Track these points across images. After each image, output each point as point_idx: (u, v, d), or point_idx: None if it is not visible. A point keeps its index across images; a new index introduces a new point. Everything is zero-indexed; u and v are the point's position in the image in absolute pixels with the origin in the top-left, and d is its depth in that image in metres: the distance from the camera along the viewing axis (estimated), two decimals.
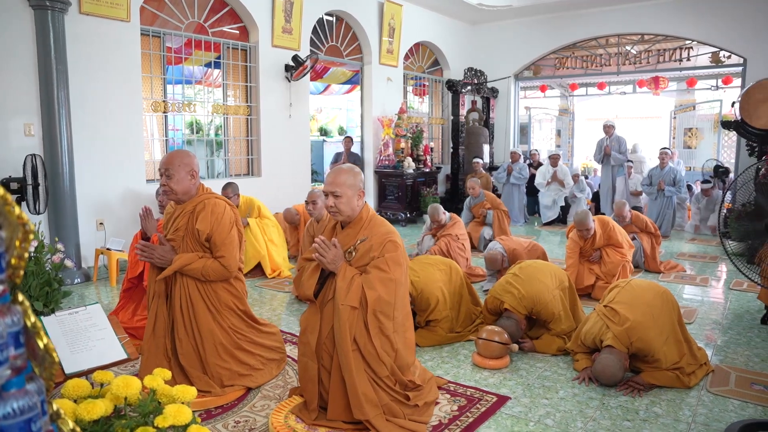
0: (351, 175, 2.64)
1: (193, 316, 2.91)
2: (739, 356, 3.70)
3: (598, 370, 3.14)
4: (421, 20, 10.26)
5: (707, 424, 2.77)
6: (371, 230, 2.64)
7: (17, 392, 0.90)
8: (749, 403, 3.00)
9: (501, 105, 11.70)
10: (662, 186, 8.19)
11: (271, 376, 3.18)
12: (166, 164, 2.90)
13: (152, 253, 2.85)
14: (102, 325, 2.23)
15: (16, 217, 0.90)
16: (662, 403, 2.99)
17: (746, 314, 4.61)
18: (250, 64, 7.54)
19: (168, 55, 6.74)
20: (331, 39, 8.90)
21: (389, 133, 9.64)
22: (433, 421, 2.73)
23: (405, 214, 9.28)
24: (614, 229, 5.34)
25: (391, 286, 2.53)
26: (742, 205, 4.90)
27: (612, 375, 3.10)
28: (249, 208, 6.04)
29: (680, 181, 8.36)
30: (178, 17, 6.73)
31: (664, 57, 10.35)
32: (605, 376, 3.11)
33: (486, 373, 3.37)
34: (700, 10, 9.42)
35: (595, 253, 5.28)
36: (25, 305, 0.96)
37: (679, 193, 8.33)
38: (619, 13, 10.12)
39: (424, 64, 11.01)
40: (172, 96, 6.96)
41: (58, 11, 5.28)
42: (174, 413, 1.48)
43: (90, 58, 5.70)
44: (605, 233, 5.28)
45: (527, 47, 11.19)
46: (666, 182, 8.21)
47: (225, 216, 2.91)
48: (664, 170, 8.36)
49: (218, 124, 8.10)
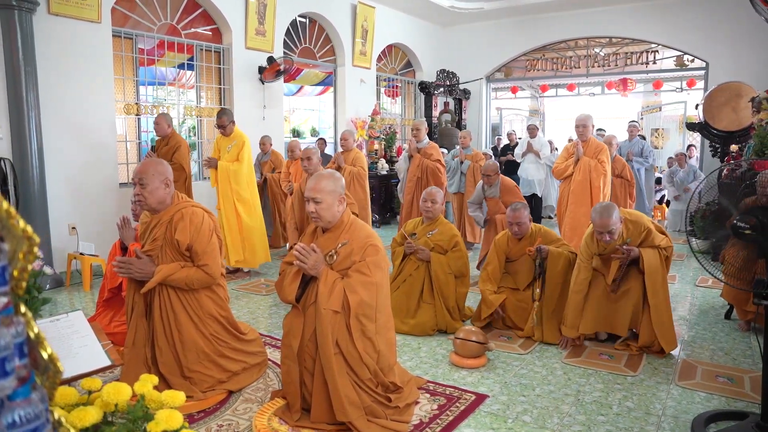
0: (332, 180, 2.68)
1: (175, 326, 2.90)
2: (705, 350, 3.86)
3: (598, 210, 3.58)
4: (393, 22, 10.33)
5: (676, 416, 2.88)
6: (352, 234, 2.68)
7: (23, 402, 0.92)
8: (714, 395, 3.13)
9: (473, 106, 11.85)
10: (631, 156, 8.29)
11: (252, 379, 3.20)
12: (140, 174, 2.87)
13: (130, 268, 2.82)
14: (84, 332, 2.22)
15: (20, 231, 0.92)
16: (634, 397, 3.11)
17: (711, 310, 4.79)
18: (223, 66, 7.51)
19: (140, 56, 6.67)
20: (305, 41, 8.91)
21: (362, 135, 9.69)
22: (414, 421, 2.79)
23: (379, 215, 9.33)
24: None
25: (373, 290, 2.58)
26: (707, 204, 5.10)
27: (609, 207, 3.56)
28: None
29: (648, 152, 8.52)
30: (150, 18, 6.67)
31: (631, 60, 10.63)
32: (606, 210, 3.54)
33: (464, 372, 3.45)
34: (665, 16, 9.72)
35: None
36: (27, 316, 0.98)
37: (646, 163, 8.47)
38: (588, 16, 10.36)
39: (396, 66, 11.09)
40: (145, 98, 6.88)
41: (25, 11, 5.18)
42: (166, 418, 1.50)
43: (60, 60, 5.61)
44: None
45: (499, 49, 11.36)
46: (634, 153, 8.36)
47: (204, 225, 2.91)
48: (632, 142, 8.52)
49: (191, 126, 8.03)
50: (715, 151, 8.38)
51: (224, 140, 5.84)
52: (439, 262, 4.23)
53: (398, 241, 4.55)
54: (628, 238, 3.72)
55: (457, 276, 4.29)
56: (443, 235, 4.34)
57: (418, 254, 4.26)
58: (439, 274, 4.21)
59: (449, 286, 4.22)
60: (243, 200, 5.67)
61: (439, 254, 4.27)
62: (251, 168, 5.84)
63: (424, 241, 4.33)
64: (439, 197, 4.44)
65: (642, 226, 3.78)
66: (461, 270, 4.29)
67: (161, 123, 5.87)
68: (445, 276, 4.22)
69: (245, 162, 5.72)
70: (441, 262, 4.24)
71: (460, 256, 4.29)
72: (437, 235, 4.34)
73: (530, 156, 9.23)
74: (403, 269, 4.38)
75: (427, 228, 4.42)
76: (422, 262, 4.28)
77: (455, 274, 4.27)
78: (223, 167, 5.62)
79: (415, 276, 4.27)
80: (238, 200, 5.64)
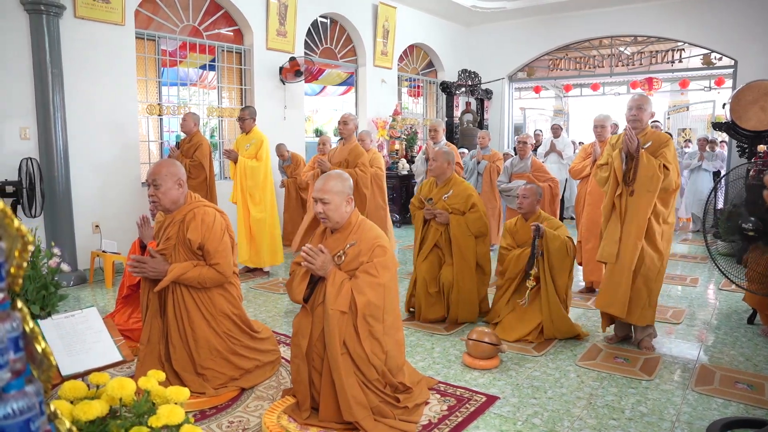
0: (339, 181, 2.70)
1: (189, 324, 2.95)
2: (725, 356, 3.77)
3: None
4: (415, 22, 10.32)
5: (691, 423, 2.83)
6: (360, 235, 2.69)
7: (17, 394, 0.95)
8: (732, 401, 3.06)
9: (495, 106, 11.77)
10: None
11: (264, 377, 3.23)
12: (153, 175, 2.93)
13: (144, 267, 2.88)
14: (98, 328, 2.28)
15: (15, 229, 0.95)
16: (648, 402, 3.06)
17: (734, 314, 4.69)
18: (244, 67, 7.59)
19: (163, 58, 6.79)
20: (326, 41, 8.95)
21: (383, 135, 9.70)
22: (422, 421, 2.79)
23: (399, 215, 9.34)
24: None
25: (380, 291, 2.59)
26: (733, 206, 4.99)
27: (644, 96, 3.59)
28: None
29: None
30: (173, 20, 6.78)
31: (656, 58, 10.43)
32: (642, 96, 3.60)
33: (476, 374, 3.43)
34: (691, 13, 9.52)
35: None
36: (23, 311, 1.01)
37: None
38: (611, 15, 10.20)
39: (418, 66, 11.08)
40: (167, 98, 7.01)
41: (53, 15, 5.32)
42: (167, 413, 1.53)
43: (85, 62, 5.74)
44: None
45: (521, 49, 11.26)
46: None
47: (216, 224, 2.96)
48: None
49: (213, 126, 8.14)
50: (743, 151, 8.18)
51: (243, 139, 5.92)
52: (458, 223, 4.27)
53: (416, 205, 4.60)
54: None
55: (477, 236, 4.31)
56: (458, 197, 4.35)
57: (437, 218, 4.31)
58: (459, 237, 4.26)
59: (470, 247, 4.27)
60: (254, 198, 5.74)
61: (458, 216, 4.30)
62: (269, 167, 5.90)
63: (441, 206, 4.36)
64: (442, 157, 4.40)
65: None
66: (480, 230, 4.30)
67: (188, 120, 5.99)
68: (465, 238, 4.26)
69: (264, 161, 5.80)
70: (460, 223, 4.27)
71: (479, 216, 4.29)
72: (452, 197, 4.35)
73: (553, 156, 9.15)
74: (426, 237, 4.43)
75: (442, 191, 4.42)
76: (444, 228, 4.32)
77: (475, 234, 4.29)
78: (242, 162, 5.71)
79: (441, 243, 4.37)
80: (250, 197, 5.72)
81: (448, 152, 4.47)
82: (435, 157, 4.45)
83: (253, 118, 5.93)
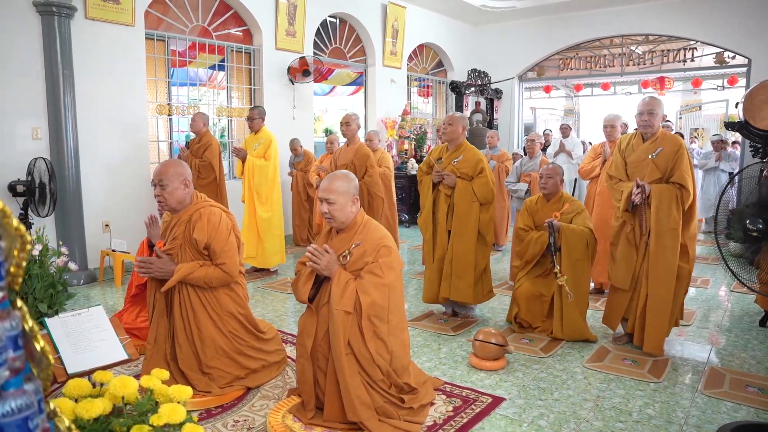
0: (345, 181, 2.70)
1: (195, 324, 2.96)
2: (736, 358, 3.73)
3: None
4: (424, 22, 10.30)
5: (699, 426, 2.80)
6: (365, 235, 2.69)
7: (15, 392, 0.95)
8: (742, 405, 3.03)
9: (505, 106, 11.72)
10: None
11: (270, 377, 3.24)
12: (160, 175, 2.95)
13: (150, 267, 2.90)
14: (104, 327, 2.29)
15: (14, 229, 0.96)
16: (656, 404, 3.03)
17: (745, 316, 4.63)
18: (253, 67, 7.62)
19: (172, 58, 6.83)
20: (335, 41, 8.96)
21: (392, 135, 9.69)
22: (427, 422, 2.78)
23: (408, 215, 9.33)
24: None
25: (385, 291, 2.58)
26: (745, 206, 4.92)
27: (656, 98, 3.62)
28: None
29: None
30: (183, 21, 6.81)
31: (668, 57, 10.34)
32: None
33: (483, 374, 3.42)
34: (704, 11, 9.41)
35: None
36: (23, 310, 1.02)
37: None
38: (622, 13, 10.11)
39: (427, 66, 11.06)
40: (177, 98, 7.05)
41: (64, 17, 5.37)
42: (169, 412, 1.54)
43: (96, 62, 5.79)
44: None
45: (531, 48, 11.20)
46: None
47: (221, 224, 2.97)
48: None
49: (223, 126, 8.18)
50: (756, 151, 8.08)
51: (252, 139, 5.94)
52: (464, 189, 4.22)
53: (424, 170, 4.54)
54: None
55: (482, 203, 4.25)
56: (468, 162, 4.29)
57: (445, 180, 4.26)
58: (461, 203, 4.21)
59: (472, 215, 4.20)
60: (261, 197, 5.76)
61: (465, 181, 4.25)
62: (277, 167, 5.92)
63: (450, 169, 4.32)
64: (458, 122, 4.37)
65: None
66: (486, 196, 4.23)
67: (197, 120, 6.02)
68: (468, 204, 4.21)
69: (272, 160, 5.81)
70: (466, 189, 4.22)
71: (485, 182, 4.23)
72: (462, 162, 4.30)
73: (562, 156, 9.07)
74: (437, 210, 4.35)
75: (453, 155, 4.37)
76: (451, 192, 4.27)
77: (480, 201, 4.23)
78: (251, 161, 5.73)
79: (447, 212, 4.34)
80: (257, 195, 5.74)
81: (463, 117, 4.45)
82: (451, 122, 4.38)
83: (262, 118, 5.95)
